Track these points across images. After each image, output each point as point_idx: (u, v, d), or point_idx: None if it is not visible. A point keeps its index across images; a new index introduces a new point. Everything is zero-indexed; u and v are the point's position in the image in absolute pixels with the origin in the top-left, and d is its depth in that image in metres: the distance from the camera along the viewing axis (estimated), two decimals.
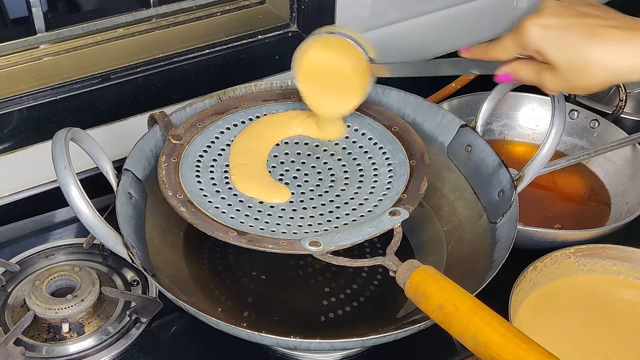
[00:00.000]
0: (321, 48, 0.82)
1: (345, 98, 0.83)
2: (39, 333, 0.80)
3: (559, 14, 0.66)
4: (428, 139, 0.89)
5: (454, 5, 1.20)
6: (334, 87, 0.83)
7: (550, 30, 0.65)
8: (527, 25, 0.66)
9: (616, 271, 0.90)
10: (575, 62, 0.65)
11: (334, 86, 0.83)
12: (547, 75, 0.67)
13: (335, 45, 0.82)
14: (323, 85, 0.83)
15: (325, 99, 0.84)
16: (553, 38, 0.65)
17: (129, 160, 0.80)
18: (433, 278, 0.66)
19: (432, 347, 0.83)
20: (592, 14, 0.66)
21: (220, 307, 0.81)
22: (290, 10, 1.06)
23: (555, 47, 0.65)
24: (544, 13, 0.66)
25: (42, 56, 0.97)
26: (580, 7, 0.67)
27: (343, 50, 0.82)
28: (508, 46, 0.69)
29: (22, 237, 0.94)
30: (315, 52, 0.82)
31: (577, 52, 0.64)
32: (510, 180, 0.82)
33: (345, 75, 0.82)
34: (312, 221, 0.76)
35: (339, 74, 0.82)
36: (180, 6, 1.05)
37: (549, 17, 0.66)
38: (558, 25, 0.65)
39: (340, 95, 0.83)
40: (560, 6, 0.67)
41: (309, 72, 0.83)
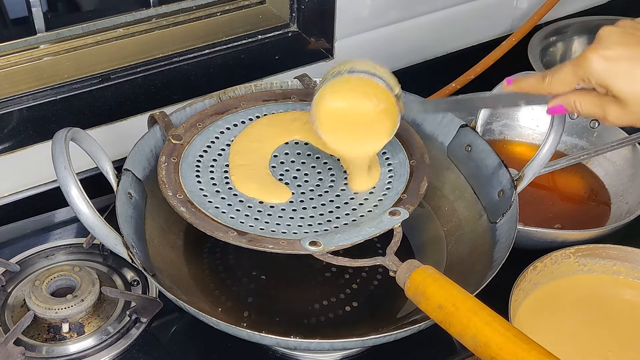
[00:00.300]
0: (342, 93, 0.75)
1: (373, 140, 0.77)
2: (39, 333, 0.80)
3: (623, 43, 0.60)
4: (428, 139, 0.89)
5: (454, 5, 1.20)
6: (359, 130, 0.77)
7: (617, 62, 0.60)
8: (590, 56, 0.61)
9: (616, 271, 0.90)
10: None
11: (360, 130, 0.76)
12: (612, 109, 0.62)
13: (357, 86, 0.75)
14: (347, 131, 0.77)
15: (351, 143, 0.77)
16: (620, 70, 0.60)
17: (129, 160, 0.80)
18: (433, 278, 0.66)
19: (432, 347, 0.83)
20: None
21: (220, 307, 0.81)
22: (290, 10, 1.06)
23: (624, 80, 0.60)
24: (607, 42, 0.61)
25: (42, 56, 0.97)
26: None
27: (366, 91, 0.75)
28: (567, 79, 0.64)
29: (22, 237, 0.94)
30: (336, 99, 0.75)
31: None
32: (510, 180, 0.82)
33: (370, 117, 0.76)
34: (312, 221, 0.76)
35: (364, 117, 0.76)
36: (180, 6, 1.05)
37: (613, 47, 0.60)
38: (625, 56, 0.60)
39: (367, 138, 0.77)
40: (622, 33, 0.61)
41: (331, 120, 0.76)
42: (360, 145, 0.78)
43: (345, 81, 0.75)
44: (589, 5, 1.39)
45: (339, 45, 1.11)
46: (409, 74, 1.21)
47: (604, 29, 0.62)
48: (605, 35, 0.62)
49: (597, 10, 1.39)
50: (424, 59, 1.23)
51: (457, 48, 1.27)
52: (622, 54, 0.60)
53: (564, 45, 1.26)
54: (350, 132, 0.77)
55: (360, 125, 0.76)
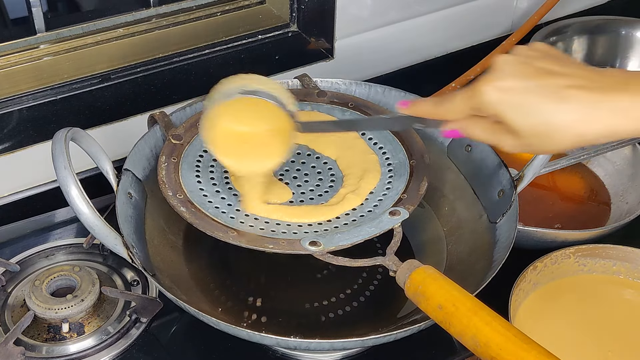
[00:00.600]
0: (232, 115, 0.73)
1: (265, 158, 0.76)
2: (39, 333, 0.80)
3: (518, 75, 0.59)
4: (428, 139, 0.89)
5: (454, 5, 1.20)
6: (250, 151, 0.75)
7: (511, 94, 0.59)
8: (482, 88, 0.60)
9: (616, 271, 0.90)
10: (540, 129, 0.58)
11: (251, 150, 0.75)
12: (506, 138, 0.62)
13: (248, 107, 0.73)
14: (239, 151, 0.75)
15: (244, 162, 0.75)
16: (513, 102, 0.59)
17: (129, 160, 0.80)
18: (433, 278, 0.66)
19: (432, 347, 0.83)
20: (554, 71, 0.59)
21: (220, 307, 0.81)
22: (290, 10, 1.06)
23: (517, 113, 0.59)
24: (502, 73, 0.60)
25: (42, 56, 0.97)
26: (540, 61, 0.60)
27: (257, 112, 0.73)
28: (460, 108, 0.63)
29: (22, 237, 0.94)
30: (227, 121, 0.73)
31: (542, 118, 0.58)
32: (510, 180, 0.82)
33: (262, 138, 0.74)
34: (312, 221, 0.76)
35: (256, 138, 0.74)
36: (180, 6, 1.05)
37: (507, 78, 0.59)
38: (519, 89, 0.59)
39: (259, 157, 0.75)
40: (518, 63, 0.60)
41: (223, 141, 0.74)
42: (253, 164, 0.76)
43: (236, 103, 0.72)
44: (589, 5, 1.39)
45: (339, 45, 1.11)
46: (409, 74, 1.21)
47: (499, 58, 0.61)
48: (500, 65, 0.60)
49: (597, 10, 1.39)
50: (424, 59, 1.23)
51: (457, 48, 1.27)
52: (516, 86, 0.59)
53: (564, 45, 1.26)
54: (242, 152, 0.75)
55: (251, 145, 0.74)
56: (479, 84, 0.60)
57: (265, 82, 0.73)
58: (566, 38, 1.26)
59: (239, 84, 0.73)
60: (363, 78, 0.93)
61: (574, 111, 0.57)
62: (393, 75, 1.19)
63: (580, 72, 0.59)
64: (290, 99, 0.74)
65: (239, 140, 0.74)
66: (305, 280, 0.86)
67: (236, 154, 0.75)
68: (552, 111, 0.58)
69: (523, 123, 0.59)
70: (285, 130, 0.74)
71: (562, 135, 0.58)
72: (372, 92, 0.92)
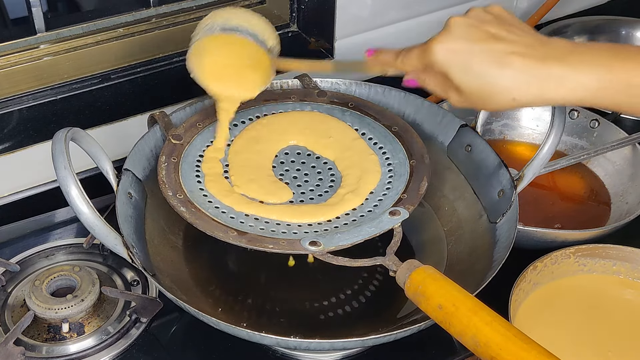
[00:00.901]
0: (215, 50, 0.79)
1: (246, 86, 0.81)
2: (39, 333, 0.80)
3: (466, 37, 0.64)
4: (428, 139, 0.89)
5: (454, 5, 1.20)
6: (232, 79, 0.80)
7: (456, 54, 0.64)
8: (433, 47, 0.65)
9: (616, 271, 0.90)
10: (479, 89, 0.64)
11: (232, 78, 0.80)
12: (452, 93, 0.67)
13: (230, 43, 0.79)
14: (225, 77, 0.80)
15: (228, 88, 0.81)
16: (458, 63, 0.64)
17: (129, 160, 0.80)
18: (433, 278, 0.66)
19: (432, 347, 0.83)
20: (500, 36, 0.64)
21: (220, 307, 0.81)
22: (290, 10, 1.06)
23: (460, 73, 0.64)
24: (452, 35, 0.65)
25: (42, 56, 0.97)
26: (489, 25, 0.65)
27: (239, 47, 0.79)
28: (415, 63, 0.68)
29: (22, 237, 0.94)
30: (207, 56, 0.79)
31: (482, 79, 0.63)
32: (510, 180, 0.82)
33: (240, 71, 0.80)
34: (312, 221, 0.76)
35: (235, 69, 0.80)
36: (180, 6, 1.05)
37: (456, 40, 0.64)
38: (464, 50, 0.64)
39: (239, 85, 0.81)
40: (468, 25, 0.65)
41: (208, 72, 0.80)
42: (233, 89, 0.81)
43: (216, 40, 0.78)
44: (589, 5, 1.39)
45: (339, 45, 1.11)
46: None
47: (453, 20, 0.66)
48: (451, 26, 0.65)
49: (597, 10, 1.39)
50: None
51: None
52: (462, 48, 0.64)
53: None
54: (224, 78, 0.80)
55: (232, 75, 0.80)
56: (431, 43, 0.66)
57: (247, 19, 0.78)
58: (566, 38, 1.26)
59: (223, 17, 0.78)
60: (363, 78, 0.94)
61: (511, 77, 0.62)
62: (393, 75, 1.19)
63: (526, 39, 0.64)
64: (271, 35, 0.78)
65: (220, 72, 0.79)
66: (306, 281, 0.86)
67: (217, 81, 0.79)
68: (492, 75, 0.63)
69: (465, 82, 0.64)
70: (261, 66, 0.80)
71: (499, 98, 0.63)
72: (372, 92, 0.92)
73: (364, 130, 0.86)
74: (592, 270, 0.90)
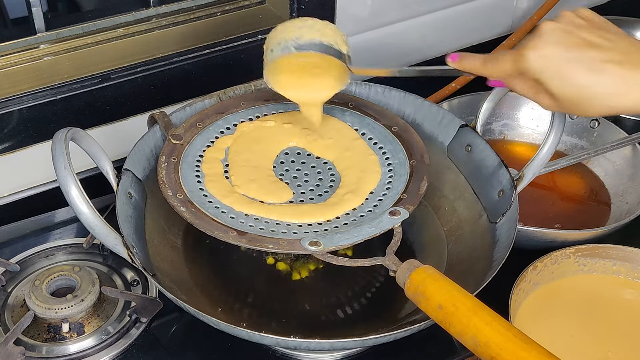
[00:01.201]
0: (291, 72, 0.80)
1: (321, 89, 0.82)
2: (39, 333, 0.80)
3: (561, 44, 0.63)
4: (428, 139, 0.89)
5: (454, 5, 1.20)
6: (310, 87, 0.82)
7: (551, 62, 0.63)
8: (527, 54, 0.64)
9: (616, 271, 0.90)
10: (575, 96, 0.63)
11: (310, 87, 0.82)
12: (545, 98, 0.66)
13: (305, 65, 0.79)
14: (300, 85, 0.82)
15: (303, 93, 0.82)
16: (553, 71, 0.63)
17: (129, 160, 0.80)
18: (433, 278, 0.66)
19: (432, 347, 0.83)
20: (595, 43, 0.63)
21: (220, 307, 0.81)
22: (290, 10, 1.06)
23: (555, 80, 0.63)
24: (546, 41, 0.64)
25: (42, 56, 0.97)
26: (584, 31, 0.64)
27: (314, 61, 0.79)
28: (506, 69, 0.67)
29: (22, 237, 0.94)
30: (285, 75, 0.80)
31: (578, 87, 0.62)
32: (510, 180, 0.82)
33: (319, 75, 0.81)
34: (312, 221, 0.76)
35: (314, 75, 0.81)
36: (180, 6, 1.05)
37: (550, 47, 0.63)
38: (559, 58, 0.63)
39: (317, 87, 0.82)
40: (562, 32, 0.64)
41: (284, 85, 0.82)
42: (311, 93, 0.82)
43: (294, 59, 0.78)
44: (589, 5, 1.39)
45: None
46: None
47: (546, 25, 0.64)
48: (545, 32, 0.64)
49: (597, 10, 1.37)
50: (424, 59, 1.23)
51: (457, 48, 1.27)
52: (557, 55, 0.63)
53: None
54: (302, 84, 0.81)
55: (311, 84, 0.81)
56: (524, 49, 0.64)
57: (319, 29, 0.77)
58: None
59: (295, 32, 0.77)
60: (363, 78, 0.94)
61: (608, 85, 0.62)
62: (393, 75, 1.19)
63: (622, 45, 0.63)
64: (342, 42, 0.79)
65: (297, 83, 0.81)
66: (306, 280, 0.86)
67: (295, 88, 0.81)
68: (588, 83, 0.62)
69: (560, 90, 0.63)
70: (336, 70, 0.80)
71: (595, 105, 0.63)
72: (372, 92, 0.92)
73: (364, 130, 0.86)
74: (592, 270, 0.90)
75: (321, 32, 0.78)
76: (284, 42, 0.78)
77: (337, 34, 0.79)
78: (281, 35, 0.78)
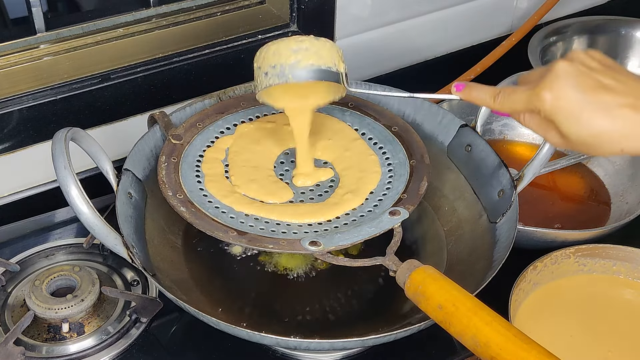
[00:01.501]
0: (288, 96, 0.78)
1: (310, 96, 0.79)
2: (39, 333, 0.80)
3: (577, 86, 0.62)
4: (428, 139, 0.89)
5: (454, 5, 1.20)
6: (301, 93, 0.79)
7: (567, 103, 0.62)
8: (542, 94, 0.63)
9: (616, 271, 0.90)
10: (587, 138, 0.63)
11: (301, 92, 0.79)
12: (555, 137, 0.65)
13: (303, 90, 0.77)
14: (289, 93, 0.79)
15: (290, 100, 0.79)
16: (568, 112, 0.62)
17: (129, 160, 0.80)
18: (433, 278, 0.66)
19: (432, 347, 0.83)
20: (609, 86, 0.63)
21: (220, 307, 0.81)
22: (290, 10, 1.06)
23: (569, 122, 0.63)
24: (562, 82, 0.63)
25: (42, 56, 0.97)
26: (599, 74, 0.63)
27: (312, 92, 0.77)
28: (518, 106, 0.66)
29: (22, 237, 0.94)
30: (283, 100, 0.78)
31: (592, 130, 0.62)
32: (510, 180, 0.82)
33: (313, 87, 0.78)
34: (312, 221, 0.76)
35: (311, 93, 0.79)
36: (180, 6, 1.05)
37: (566, 89, 0.63)
38: (575, 100, 0.62)
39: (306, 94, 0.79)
40: (579, 74, 0.63)
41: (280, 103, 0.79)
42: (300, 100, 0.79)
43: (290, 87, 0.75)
44: (589, 5, 1.39)
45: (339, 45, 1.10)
46: (409, 74, 1.21)
47: (561, 65, 0.64)
48: (560, 73, 0.63)
49: (597, 10, 1.39)
50: (424, 59, 1.23)
51: (457, 48, 1.27)
52: (573, 97, 0.62)
53: (564, 45, 1.26)
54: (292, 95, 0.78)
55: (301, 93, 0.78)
56: (539, 89, 0.63)
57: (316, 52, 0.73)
58: (566, 38, 1.26)
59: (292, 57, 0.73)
60: (363, 78, 0.93)
61: (622, 129, 0.62)
62: (393, 75, 1.19)
63: (633, 87, 0.63)
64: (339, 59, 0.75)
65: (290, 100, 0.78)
66: (306, 280, 0.86)
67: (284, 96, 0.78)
68: (602, 127, 0.62)
69: (573, 131, 0.63)
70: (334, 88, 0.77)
71: (607, 147, 0.63)
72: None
73: (364, 130, 0.86)
74: (592, 270, 0.90)
75: (318, 54, 0.74)
76: (280, 67, 0.73)
77: (334, 53, 0.75)
78: (276, 59, 0.74)
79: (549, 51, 1.23)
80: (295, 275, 0.86)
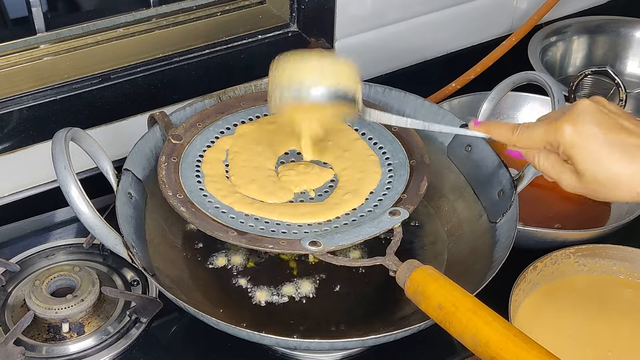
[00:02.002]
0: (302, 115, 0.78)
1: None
2: (39, 333, 0.80)
3: (599, 124, 0.63)
4: (428, 139, 0.89)
5: (454, 5, 1.20)
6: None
7: (588, 140, 0.62)
8: (564, 127, 0.63)
9: (616, 271, 0.90)
10: (604, 179, 0.62)
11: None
12: (569, 177, 0.65)
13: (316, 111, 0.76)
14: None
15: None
16: (588, 150, 0.63)
17: (129, 160, 0.80)
18: (433, 278, 0.66)
19: (432, 347, 0.83)
20: (629, 129, 0.63)
21: (220, 308, 0.81)
22: (290, 10, 1.06)
23: (587, 159, 0.63)
24: (584, 119, 0.63)
25: (42, 56, 0.97)
26: (620, 118, 0.64)
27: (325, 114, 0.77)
28: (537, 141, 0.66)
29: (22, 237, 0.94)
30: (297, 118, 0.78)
31: (609, 171, 0.62)
32: (510, 180, 0.82)
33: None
34: (312, 221, 0.76)
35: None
36: (180, 6, 1.05)
37: (589, 125, 0.63)
38: (596, 137, 0.62)
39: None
40: (599, 112, 0.63)
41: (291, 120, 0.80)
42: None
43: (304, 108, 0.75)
44: (589, 5, 1.39)
45: (339, 45, 1.11)
46: (409, 74, 1.21)
47: (584, 103, 0.64)
48: (583, 110, 0.64)
49: (597, 10, 1.39)
50: (424, 59, 1.23)
51: (457, 48, 1.27)
52: (595, 134, 0.63)
53: (564, 45, 1.26)
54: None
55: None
56: (560, 122, 0.63)
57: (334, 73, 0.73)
58: (566, 38, 1.26)
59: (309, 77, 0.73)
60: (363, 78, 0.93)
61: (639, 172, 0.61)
62: (393, 75, 1.19)
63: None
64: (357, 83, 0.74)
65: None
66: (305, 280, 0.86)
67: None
68: (620, 168, 0.62)
69: (591, 170, 0.63)
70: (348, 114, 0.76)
71: (622, 190, 0.63)
72: (372, 92, 0.92)
73: (364, 130, 0.86)
74: (592, 270, 0.90)
75: (336, 75, 0.73)
76: (298, 85, 0.73)
77: (353, 77, 0.74)
78: (294, 74, 0.73)
79: (549, 51, 1.23)
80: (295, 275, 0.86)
